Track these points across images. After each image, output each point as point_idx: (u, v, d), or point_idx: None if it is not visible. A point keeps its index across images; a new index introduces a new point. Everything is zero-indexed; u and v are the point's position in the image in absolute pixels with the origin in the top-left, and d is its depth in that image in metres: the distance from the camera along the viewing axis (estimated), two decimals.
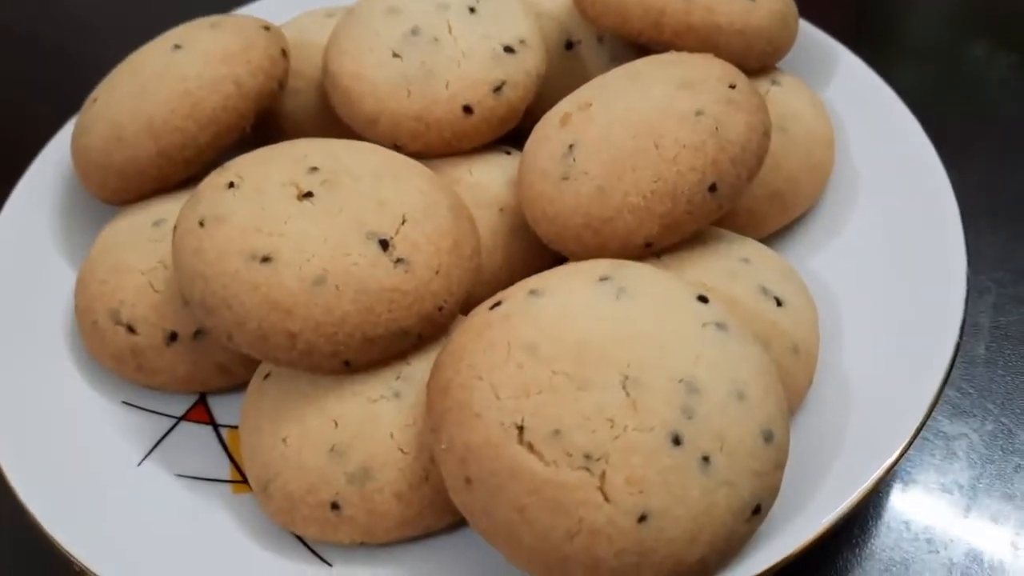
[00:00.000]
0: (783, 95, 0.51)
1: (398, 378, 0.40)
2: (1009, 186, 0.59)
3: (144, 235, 0.47)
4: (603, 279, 0.38)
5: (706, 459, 0.34)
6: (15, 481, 0.40)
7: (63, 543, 0.39)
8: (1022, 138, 0.62)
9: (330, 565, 0.39)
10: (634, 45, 0.51)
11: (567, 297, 0.38)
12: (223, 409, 0.46)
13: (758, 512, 0.35)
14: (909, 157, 0.50)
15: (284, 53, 0.51)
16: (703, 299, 0.38)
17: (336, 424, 0.39)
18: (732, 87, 0.44)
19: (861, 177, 0.51)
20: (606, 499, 0.34)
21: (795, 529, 0.37)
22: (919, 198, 0.48)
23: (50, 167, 0.54)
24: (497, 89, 0.48)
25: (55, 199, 0.53)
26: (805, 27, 0.56)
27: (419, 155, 0.47)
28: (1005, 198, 0.58)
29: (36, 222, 0.52)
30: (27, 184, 0.53)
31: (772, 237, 0.50)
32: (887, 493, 0.45)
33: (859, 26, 0.71)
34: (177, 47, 0.50)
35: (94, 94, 0.52)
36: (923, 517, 0.44)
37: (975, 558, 0.43)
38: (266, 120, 0.53)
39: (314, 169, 0.43)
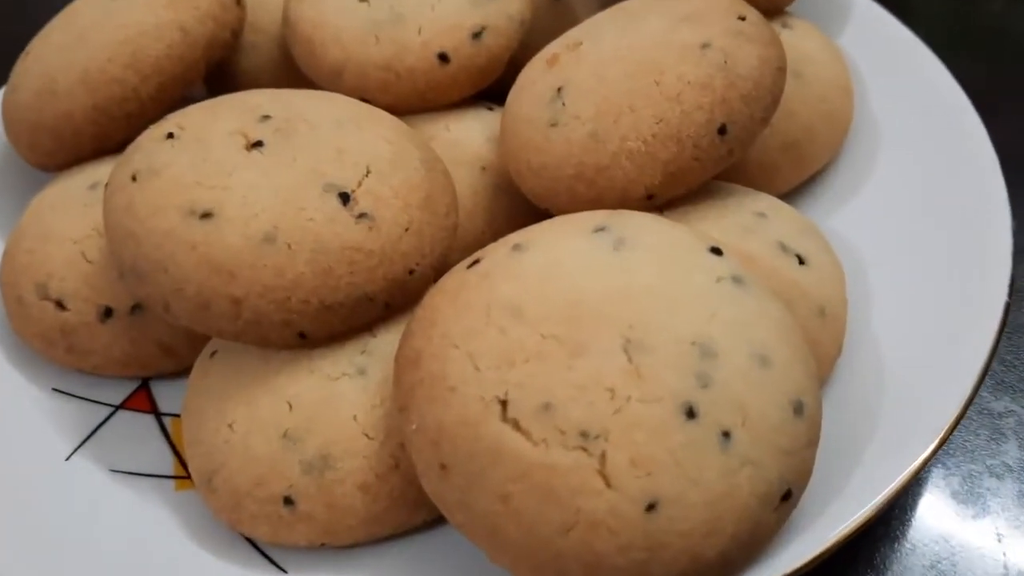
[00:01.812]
0: (794, 39, 0.47)
1: (362, 352, 0.37)
2: None
3: (78, 200, 0.43)
4: (598, 229, 0.34)
5: (726, 435, 0.30)
6: None
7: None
8: None
9: (285, 572, 0.35)
10: None
11: (556, 251, 0.33)
12: (167, 396, 0.42)
13: (788, 498, 0.30)
14: (936, 102, 0.46)
15: (238, 0, 0.47)
16: (716, 251, 0.33)
17: (290, 406, 0.36)
18: (742, 19, 0.40)
19: (882, 126, 0.47)
20: (607, 484, 0.29)
21: (829, 520, 0.32)
22: (950, 145, 0.44)
23: None
24: (476, 35, 0.45)
25: None
26: None
27: (390, 110, 0.44)
28: None
29: None
30: None
31: (787, 196, 0.45)
32: (928, 478, 0.40)
33: None
34: None
35: (27, 48, 0.48)
36: (970, 505, 0.39)
37: None
38: (222, 78, 0.50)
39: (266, 117, 0.39)
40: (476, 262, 0.34)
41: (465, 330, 0.32)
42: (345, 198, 0.36)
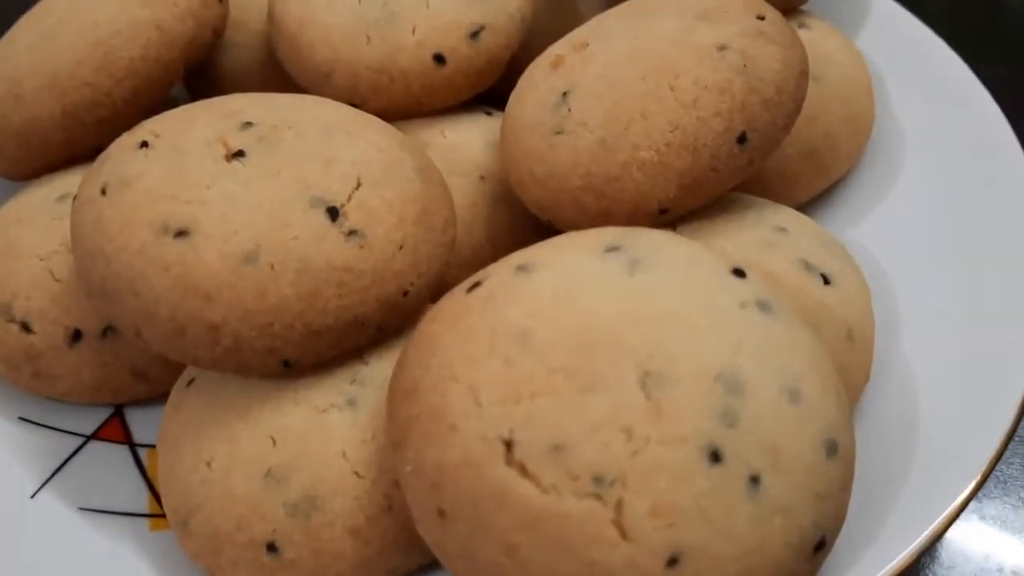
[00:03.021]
0: (813, 39, 0.46)
1: (352, 382, 0.35)
2: None
3: (46, 212, 0.41)
4: (611, 249, 0.31)
5: (755, 480, 0.28)
6: None
7: None
8: None
9: None
10: None
11: (565, 272, 0.31)
12: (143, 424, 0.40)
13: (822, 547, 0.28)
14: (961, 106, 0.45)
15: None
16: (739, 272, 0.31)
17: (274, 441, 0.34)
18: (761, 18, 0.38)
19: (907, 131, 0.46)
20: (624, 536, 0.27)
21: (864, 570, 0.30)
22: (978, 150, 0.43)
23: None
24: (474, 35, 0.43)
25: None
26: None
27: (382, 114, 0.42)
28: None
29: None
30: None
31: (806, 205, 0.44)
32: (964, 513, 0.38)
33: None
34: None
35: None
36: (1006, 542, 0.37)
37: None
38: (203, 80, 0.48)
39: (248, 124, 0.36)
40: (477, 284, 0.31)
41: (466, 360, 0.29)
42: (334, 213, 0.34)
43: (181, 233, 0.32)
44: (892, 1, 0.50)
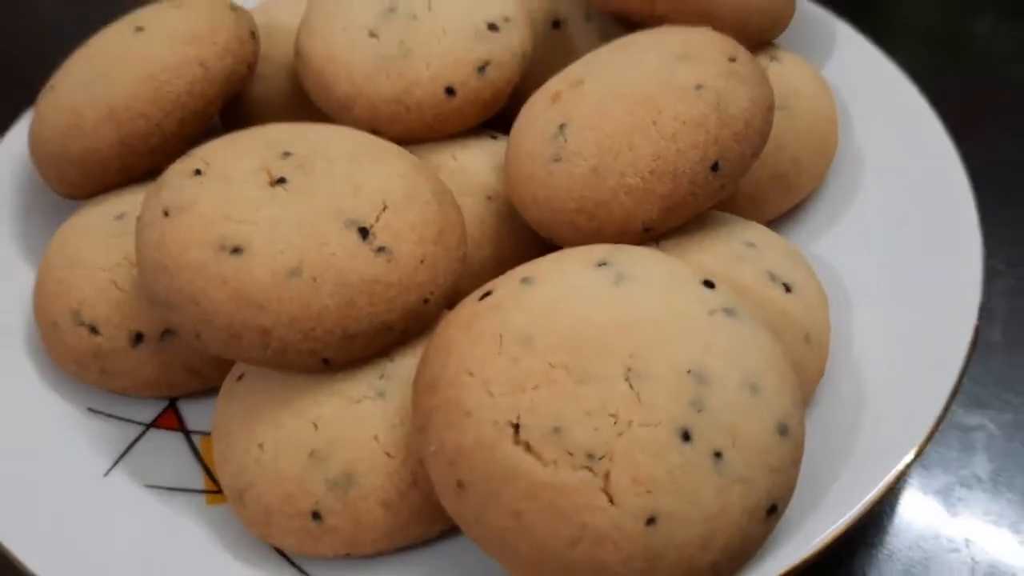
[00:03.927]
0: (783, 72, 0.49)
1: (381, 376, 0.38)
2: (1018, 161, 0.57)
3: (106, 230, 0.44)
4: (601, 264, 0.36)
5: (718, 455, 0.32)
6: None
7: (27, 563, 0.36)
8: None
9: None
10: (624, 22, 0.49)
11: (562, 284, 0.35)
12: (194, 414, 0.44)
13: (774, 512, 0.33)
14: (915, 134, 0.49)
15: (253, 35, 0.49)
16: (709, 284, 0.35)
17: (315, 427, 0.37)
18: (733, 60, 0.42)
19: (866, 156, 0.50)
20: (611, 501, 0.31)
21: (810, 530, 0.35)
22: (928, 176, 0.47)
23: (6, 162, 0.51)
24: (481, 69, 0.46)
25: (12, 196, 0.51)
26: (803, 2, 0.54)
27: (399, 140, 0.45)
28: (1014, 176, 0.56)
29: None
30: None
31: (775, 221, 0.48)
32: (904, 489, 0.43)
33: (860, 2, 0.69)
34: (139, 29, 0.47)
35: (51, 82, 0.49)
36: (942, 514, 0.42)
37: (998, 556, 0.40)
38: (235, 107, 0.51)
39: (287, 154, 0.40)
40: (487, 294, 0.36)
41: (479, 358, 0.34)
42: (364, 233, 0.38)
43: (236, 251, 0.36)
44: (858, 34, 0.54)
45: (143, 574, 0.37)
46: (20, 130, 0.52)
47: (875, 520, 0.42)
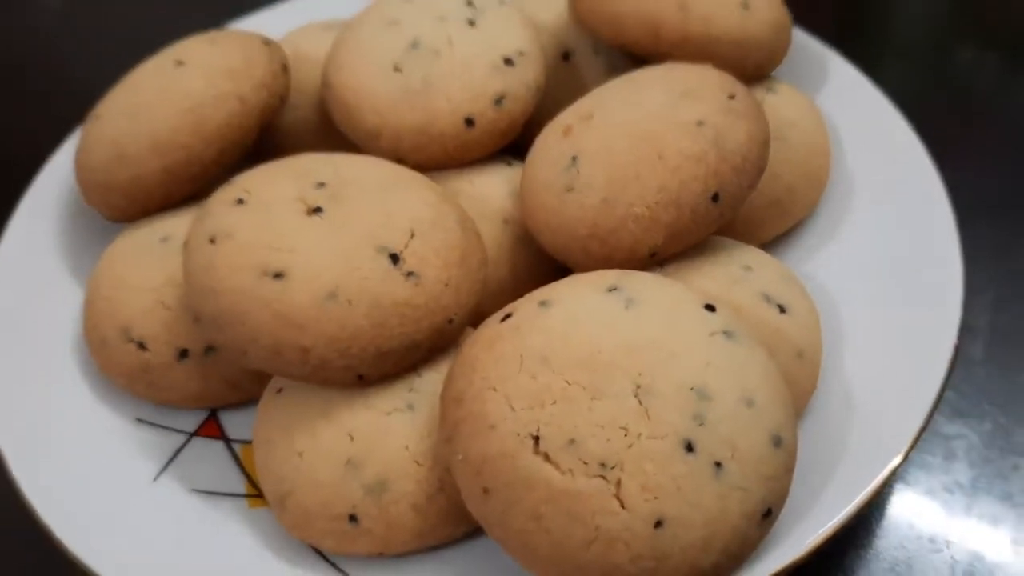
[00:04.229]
0: (779, 103, 0.52)
1: (410, 390, 0.41)
2: (1001, 184, 0.60)
3: (152, 252, 0.47)
4: (611, 289, 0.39)
5: (718, 465, 0.35)
6: (36, 503, 0.40)
7: (88, 563, 0.39)
8: (1010, 136, 0.63)
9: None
10: (630, 56, 0.52)
11: (577, 307, 0.38)
12: (234, 424, 0.46)
13: (769, 516, 0.36)
14: (902, 161, 0.51)
15: (285, 68, 0.51)
16: (710, 307, 0.39)
17: (351, 437, 0.40)
18: (731, 97, 0.45)
19: (856, 182, 0.52)
20: (622, 506, 0.34)
21: (803, 532, 0.37)
22: (913, 202, 0.50)
23: (52, 184, 0.54)
24: (498, 102, 0.49)
25: (59, 216, 0.53)
26: (798, 34, 0.57)
27: (421, 167, 0.48)
28: (997, 196, 0.59)
29: (40, 240, 0.52)
30: (30, 201, 0.53)
31: (770, 244, 0.51)
32: (890, 494, 0.46)
33: (850, 28, 0.72)
34: (179, 63, 0.50)
35: (95, 111, 0.51)
36: (925, 517, 0.45)
37: (977, 556, 0.44)
38: (266, 134, 0.53)
39: (321, 184, 0.43)
40: (508, 316, 0.39)
41: (501, 375, 0.37)
42: (395, 259, 0.40)
43: (278, 275, 0.39)
44: (849, 64, 0.56)
45: (193, 572, 0.40)
46: (65, 154, 0.55)
47: (863, 522, 0.44)
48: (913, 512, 0.45)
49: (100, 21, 0.80)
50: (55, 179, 0.54)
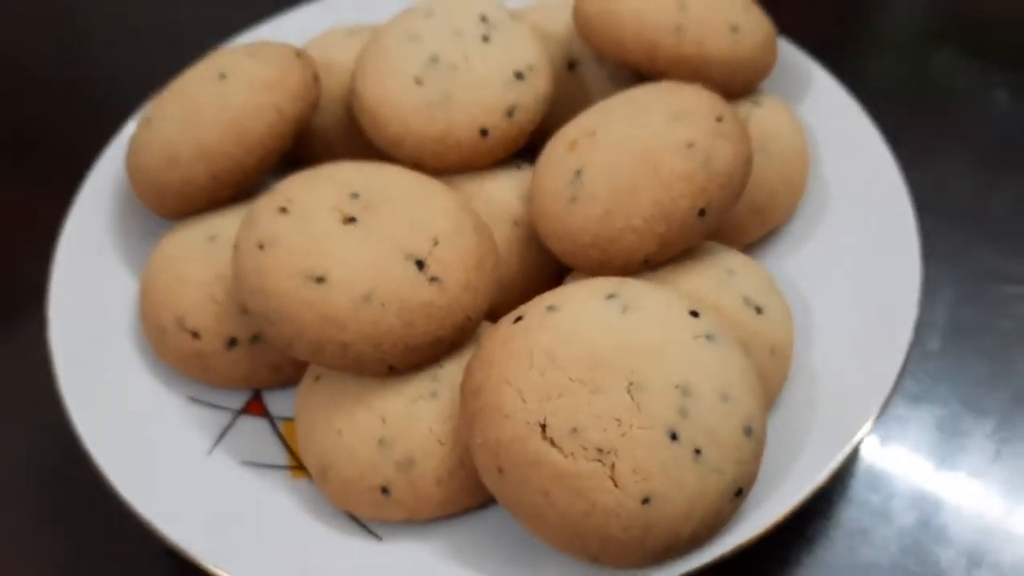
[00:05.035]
0: (764, 116, 0.56)
1: (434, 380, 0.45)
2: (968, 185, 0.64)
3: (201, 251, 0.52)
4: (610, 296, 0.44)
5: (698, 451, 0.40)
6: (113, 477, 0.45)
7: (157, 525, 0.44)
8: (980, 140, 0.67)
9: (380, 538, 0.45)
10: (631, 69, 0.57)
11: (580, 312, 0.43)
12: (276, 403, 0.50)
13: (740, 494, 0.41)
14: (871, 169, 0.56)
15: (316, 78, 0.56)
16: (695, 313, 0.44)
17: (383, 420, 0.44)
18: (719, 120, 0.49)
19: (831, 187, 0.57)
20: (615, 485, 0.39)
21: (770, 507, 0.43)
22: (880, 207, 0.54)
23: (106, 182, 0.59)
24: (510, 113, 0.52)
25: (111, 212, 0.57)
26: (782, 44, 0.61)
27: (439, 172, 0.52)
28: (964, 197, 0.63)
29: (96, 234, 0.56)
30: (85, 197, 0.58)
31: (751, 245, 0.55)
32: (849, 471, 0.51)
33: (832, 30, 0.76)
34: (222, 76, 0.54)
35: (146, 115, 0.56)
36: (881, 492, 0.50)
37: (924, 525, 0.50)
38: (298, 136, 0.57)
39: (355, 195, 0.48)
40: (520, 318, 0.44)
41: (514, 371, 0.41)
42: (421, 265, 0.45)
43: (319, 280, 0.44)
44: (827, 74, 0.60)
45: (247, 533, 0.45)
46: (114, 151, 0.59)
47: (824, 496, 0.49)
48: (870, 487, 0.50)
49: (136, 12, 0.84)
50: (107, 178, 0.59)
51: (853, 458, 0.50)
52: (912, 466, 0.52)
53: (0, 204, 0.69)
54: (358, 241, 0.46)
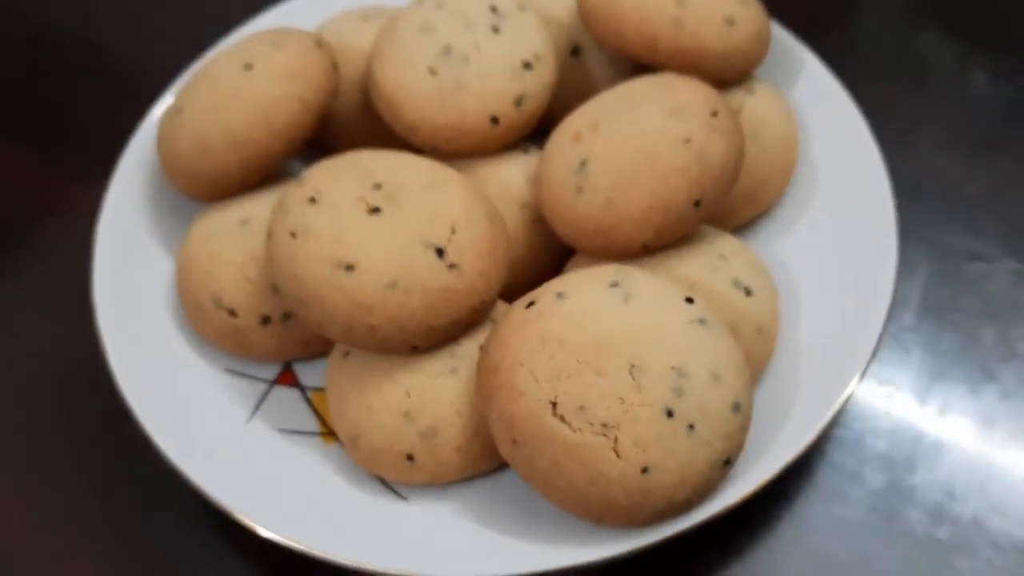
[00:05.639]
0: (757, 103, 0.59)
1: (453, 357, 0.48)
2: (947, 169, 0.67)
3: (232, 233, 0.55)
4: (613, 284, 0.48)
5: (691, 427, 0.43)
6: (164, 446, 0.49)
7: (205, 488, 0.47)
8: (961, 122, 0.70)
9: (405, 499, 0.48)
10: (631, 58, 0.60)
11: (586, 299, 0.47)
12: (306, 374, 0.54)
13: (728, 464, 0.44)
14: (855, 154, 0.59)
15: (335, 67, 0.59)
16: (689, 300, 0.48)
17: (408, 394, 0.48)
18: (714, 114, 0.52)
19: (818, 170, 0.60)
20: (618, 456, 0.42)
21: (754, 474, 0.46)
22: (861, 190, 0.57)
23: (138, 165, 0.62)
24: (518, 102, 0.55)
25: (145, 195, 0.61)
26: (774, 28, 0.64)
27: (451, 157, 0.56)
28: (942, 179, 0.66)
29: (131, 215, 0.60)
30: (120, 179, 0.61)
31: (742, 227, 0.59)
32: (828, 438, 0.56)
33: (817, 12, 0.78)
34: (248, 66, 0.57)
35: (177, 103, 0.59)
36: (855, 456, 0.55)
37: (893, 486, 0.55)
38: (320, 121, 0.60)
39: (378, 185, 0.51)
40: (532, 303, 0.48)
41: (527, 353, 0.44)
42: (440, 252, 0.49)
43: (349, 267, 0.47)
44: (817, 59, 0.63)
45: (285, 494, 0.49)
46: (144, 137, 0.62)
47: (805, 460, 0.54)
48: (846, 452, 0.54)
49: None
50: (138, 161, 0.62)
51: (831, 425, 0.55)
52: (885, 433, 0.56)
53: (23, 182, 0.71)
54: (382, 230, 0.50)
